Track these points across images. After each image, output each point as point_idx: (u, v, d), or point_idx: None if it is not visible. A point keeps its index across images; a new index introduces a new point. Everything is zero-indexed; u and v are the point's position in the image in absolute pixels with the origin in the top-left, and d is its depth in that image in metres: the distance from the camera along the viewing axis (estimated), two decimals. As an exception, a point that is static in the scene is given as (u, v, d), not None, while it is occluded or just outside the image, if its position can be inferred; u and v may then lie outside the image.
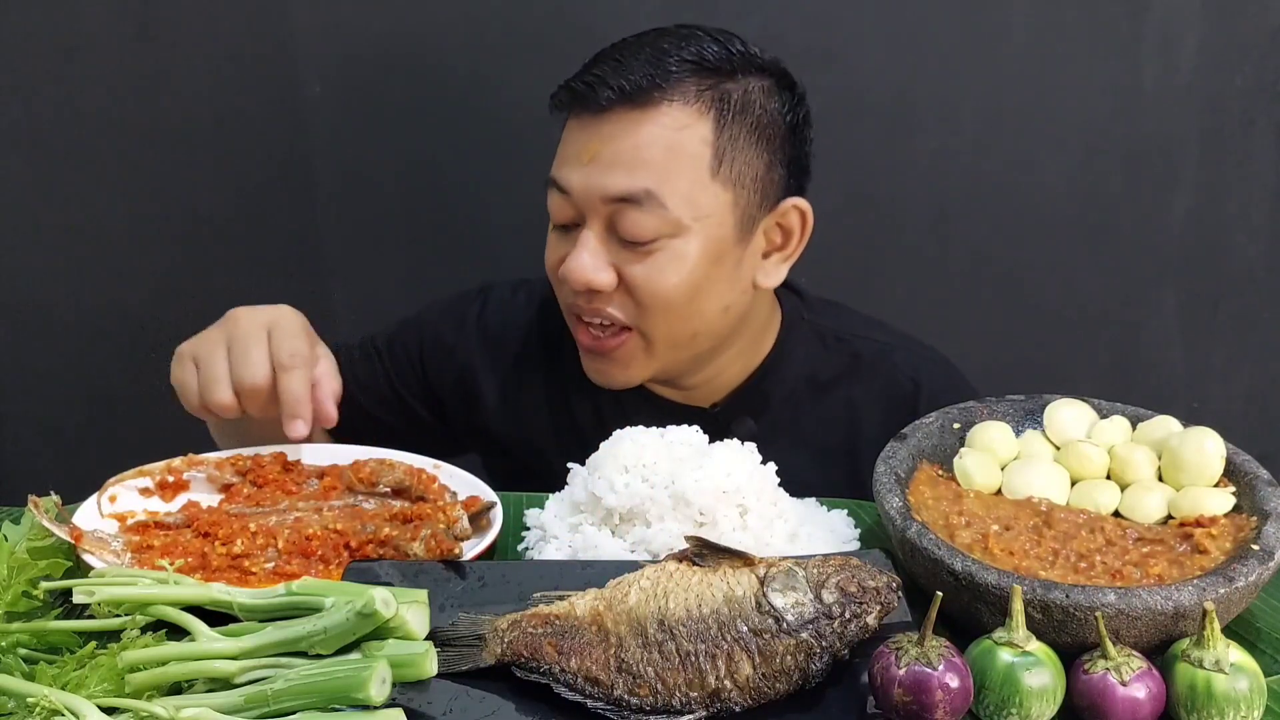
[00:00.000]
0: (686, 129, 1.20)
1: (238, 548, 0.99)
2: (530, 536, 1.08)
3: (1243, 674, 0.78)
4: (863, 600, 0.83)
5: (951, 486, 1.02)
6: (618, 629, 0.82)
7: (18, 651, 0.85)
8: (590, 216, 1.21)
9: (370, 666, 0.75)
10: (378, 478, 1.11)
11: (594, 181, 1.19)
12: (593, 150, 1.19)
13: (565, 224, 1.24)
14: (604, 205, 1.20)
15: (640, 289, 1.21)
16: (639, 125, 1.19)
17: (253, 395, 1.10)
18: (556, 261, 1.25)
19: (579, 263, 1.20)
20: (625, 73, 1.19)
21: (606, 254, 1.21)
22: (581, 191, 1.20)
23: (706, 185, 1.21)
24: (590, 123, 1.21)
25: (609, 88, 1.19)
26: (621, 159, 1.19)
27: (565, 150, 1.24)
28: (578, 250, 1.21)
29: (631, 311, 1.23)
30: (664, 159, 1.19)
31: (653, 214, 1.19)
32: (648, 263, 1.21)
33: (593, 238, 1.21)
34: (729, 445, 1.07)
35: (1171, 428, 1.04)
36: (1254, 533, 0.91)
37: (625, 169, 1.18)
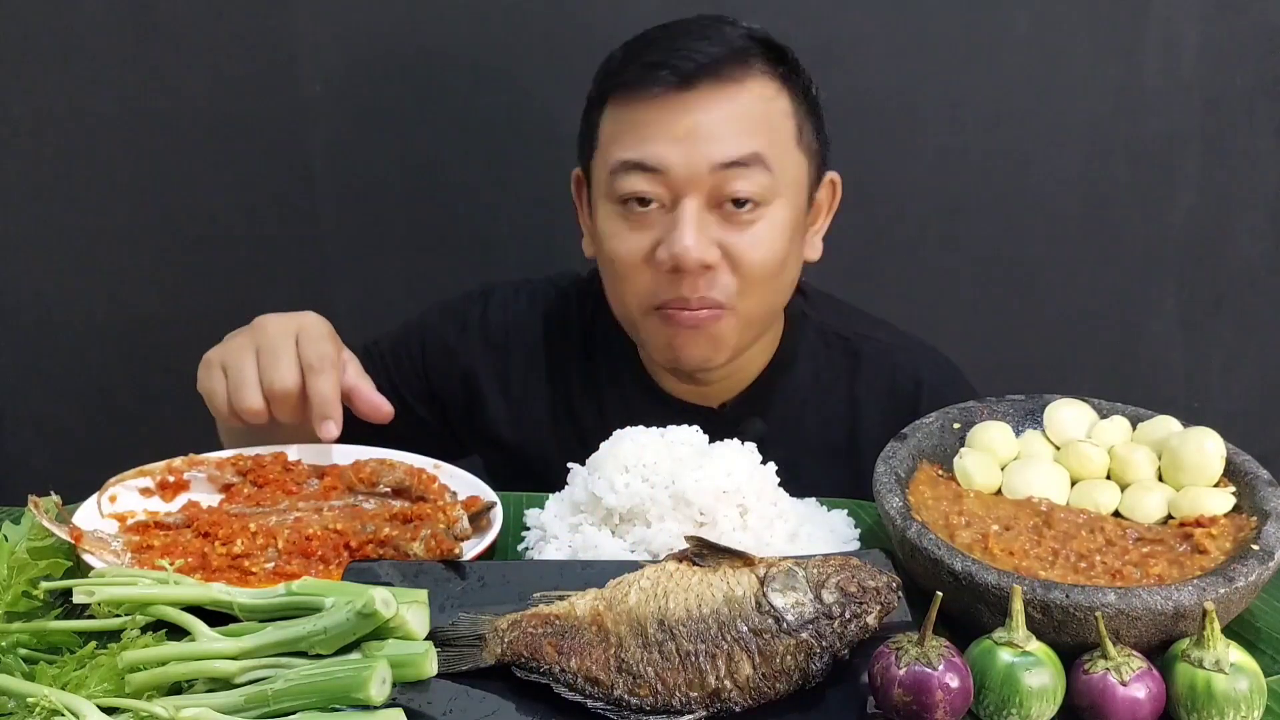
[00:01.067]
0: (771, 101, 1.22)
1: (238, 548, 0.99)
2: (530, 536, 1.08)
3: (1243, 674, 0.78)
4: (863, 600, 0.83)
5: (951, 486, 1.02)
6: (618, 629, 0.82)
7: (18, 651, 0.85)
8: (690, 191, 1.19)
9: (370, 666, 0.75)
10: (378, 478, 1.11)
11: (698, 153, 1.18)
12: (687, 125, 1.18)
13: (646, 208, 1.21)
14: (709, 175, 1.18)
15: (743, 260, 1.21)
16: (732, 97, 1.20)
17: (283, 400, 1.10)
18: (637, 249, 1.21)
19: (688, 241, 1.18)
20: (706, 49, 1.19)
21: (709, 230, 1.20)
22: (683, 165, 1.18)
23: (793, 153, 1.24)
24: (674, 100, 1.19)
25: (695, 62, 1.18)
26: (723, 128, 1.19)
27: (644, 130, 1.20)
28: (682, 229, 1.18)
29: (730, 289, 1.22)
30: (762, 125, 1.21)
31: (759, 176, 1.19)
32: (748, 234, 1.21)
33: (695, 214, 1.19)
34: (729, 445, 1.07)
35: (1171, 428, 1.04)
36: (1254, 533, 0.91)
37: (731, 135, 1.19)
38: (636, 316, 1.26)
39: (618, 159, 1.21)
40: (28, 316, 1.87)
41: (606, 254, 1.25)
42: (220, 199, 1.81)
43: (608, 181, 1.23)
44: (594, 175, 1.28)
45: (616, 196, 1.22)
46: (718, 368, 1.29)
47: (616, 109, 1.24)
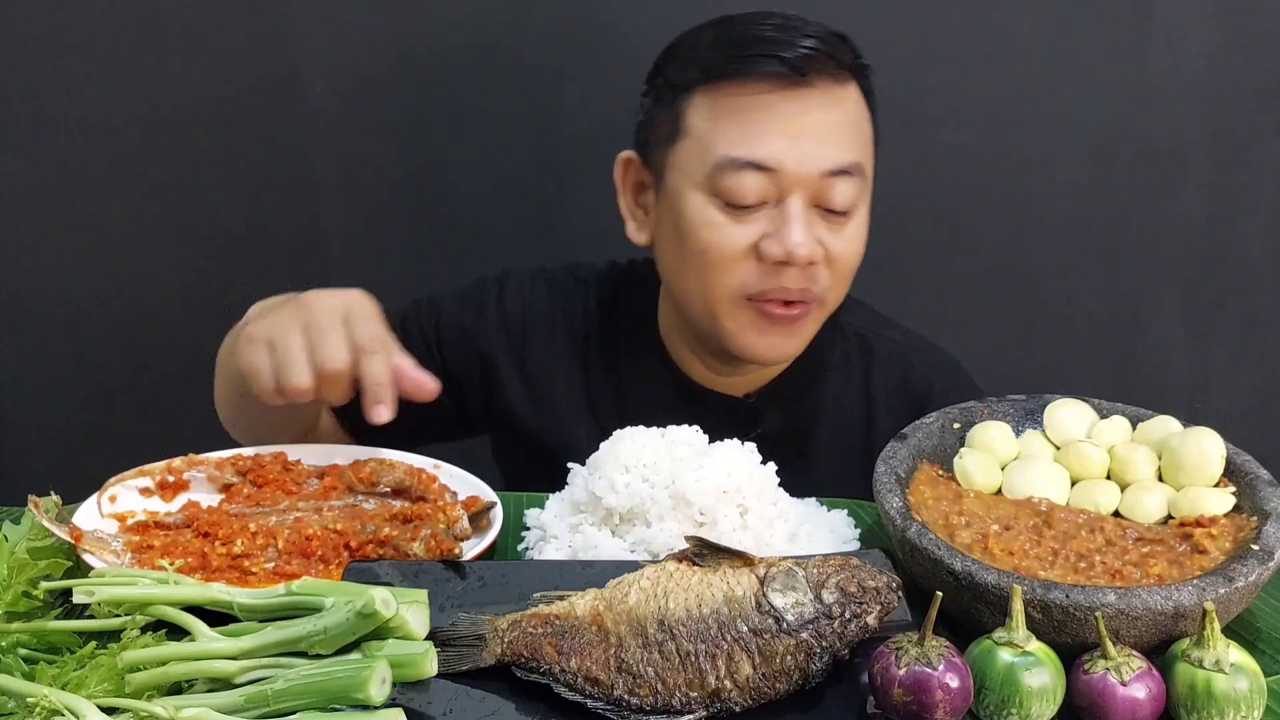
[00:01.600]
0: (860, 105, 1.25)
1: (238, 548, 0.99)
2: (530, 536, 1.08)
3: (1243, 674, 0.78)
4: (863, 600, 0.83)
5: (951, 486, 1.02)
6: (618, 629, 0.82)
7: (18, 651, 0.85)
8: (797, 191, 1.19)
9: (370, 666, 0.75)
10: (378, 478, 1.11)
11: (810, 155, 1.19)
12: (802, 123, 1.18)
13: (750, 204, 1.21)
14: (816, 179, 1.19)
15: (839, 258, 1.23)
16: (839, 100, 1.21)
17: (334, 380, 1.06)
18: (741, 242, 1.21)
19: (800, 239, 1.19)
20: (810, 43, 1.19)
21: (812, 227, 1.21)
22: (795, 166, 1.18)
23: (872, 155, 1.27)
24: (788, 95, 1.19)
25: (805, 56, 1.18)
26: (833, 131, 1.20)
27: (755, 126, 1.19)
28: (793, 226, 1.19)
29: (824, 283, 1.24)
30: (858, 132, 1.23)
31: (857, 184, 1.22)
32: (843, 233, 1.23)
33: (803, 211, 1.20)
34: (729, 445, 1.07)
35: (1171, 428, 1.04)
36: (1254, 533, 0.91)
37: (838, 141, 1.20)
38: (724, 307, 1.25)
39: (726, 155, 1.19)
40: (28, 316, 1.87)
41: (699, 244, 1.23)
42: (223, 200, 1.81)
43: (708, 174, 1.21)
44: (676, 163, 1.25)
45: (720, 190, 1.21)
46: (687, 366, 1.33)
47: (716, 97, 1.21)
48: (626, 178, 1.33)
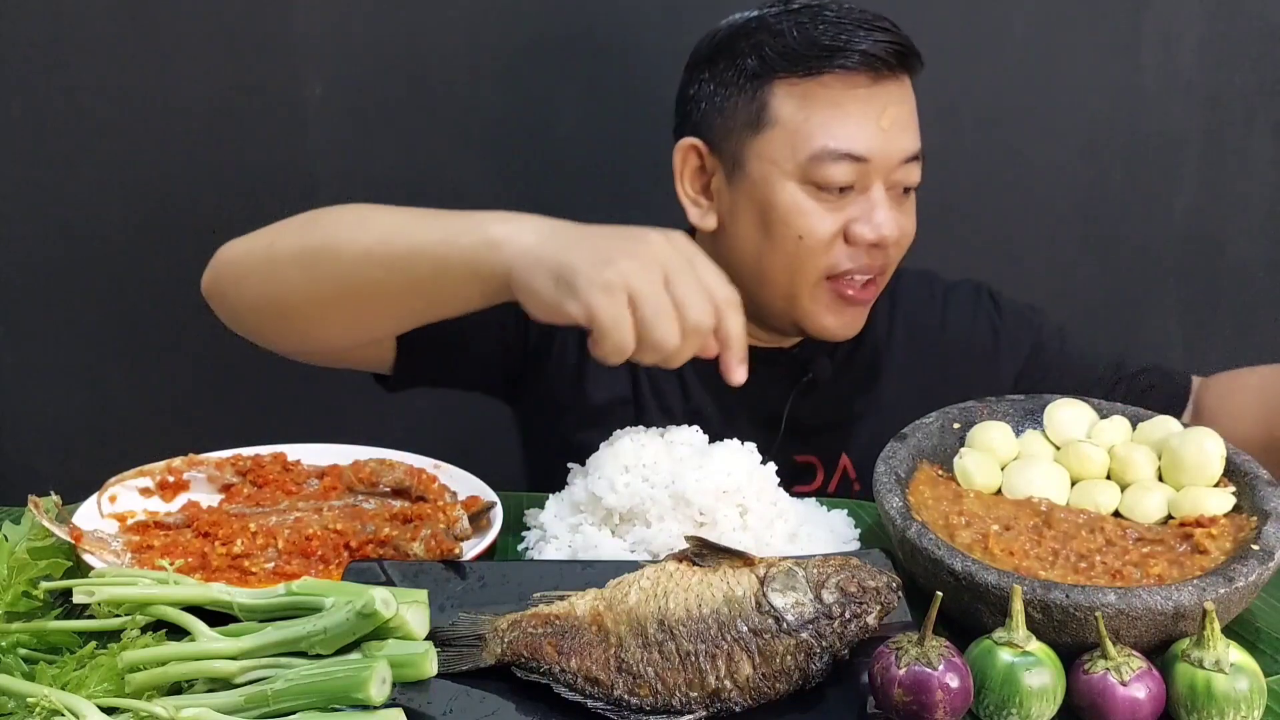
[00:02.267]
0: (914, 93, 1.31)
1: (238, 548, 0.99)
2: (530, 536, 1.08)
3: (1243, 674, 0.78)
4: (863, 600, 0.83)
5: (951, 486, 1.02)
6: (618, 629, 0.82)
7: (18, 651, 0.85)
8: (880, 177, 1.25)
9: (370, 666, 0.75)
10: (378, 478, 1.11)
11: (895, 145, 1.25)
12: (890, 116, 1.25)
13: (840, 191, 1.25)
14: (897, 166, 1.26)
15: (907, 237, 1.31)
16: (907, 89, 1.29)
17: (700, 335, 0.99)
18: (834, 228, 1.26)
19: (890, 221, 1.25)
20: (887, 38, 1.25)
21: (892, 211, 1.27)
22: (883, 155, 1.25)
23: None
24: (876, 90, 1.25)
25: (889, 51, 1.24)
26: (910, 120, 1.28)
27: (849, 119, 1.24)
28: (880, 210, 1.25)
29: (894, 259, 1.30)
30: (918, 119, 1.30)
31: (919, 167, 1.29)
32: (908, 210, 1.30)
33: (885, 196, 1.26)
34: (729, 445, 1.07)
35: (1171, 428, 1.04)
36: (1254, 533, 0.91)
37: (913, 130, 1.29)
38: (806, 288, 1.29)
39: (825, 146, 1.24)
40: (28, 315, 1.87)
41: (793, 231, 1.26)
42: (221, 200, 1.81)
43: (804, 164, 1.24)
44: (762, 152, 1.27)
45: (817, 179, 1.25)
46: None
47: (807, 88, 1.25)
48: (686, 165, 1.34)
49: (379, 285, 1.12)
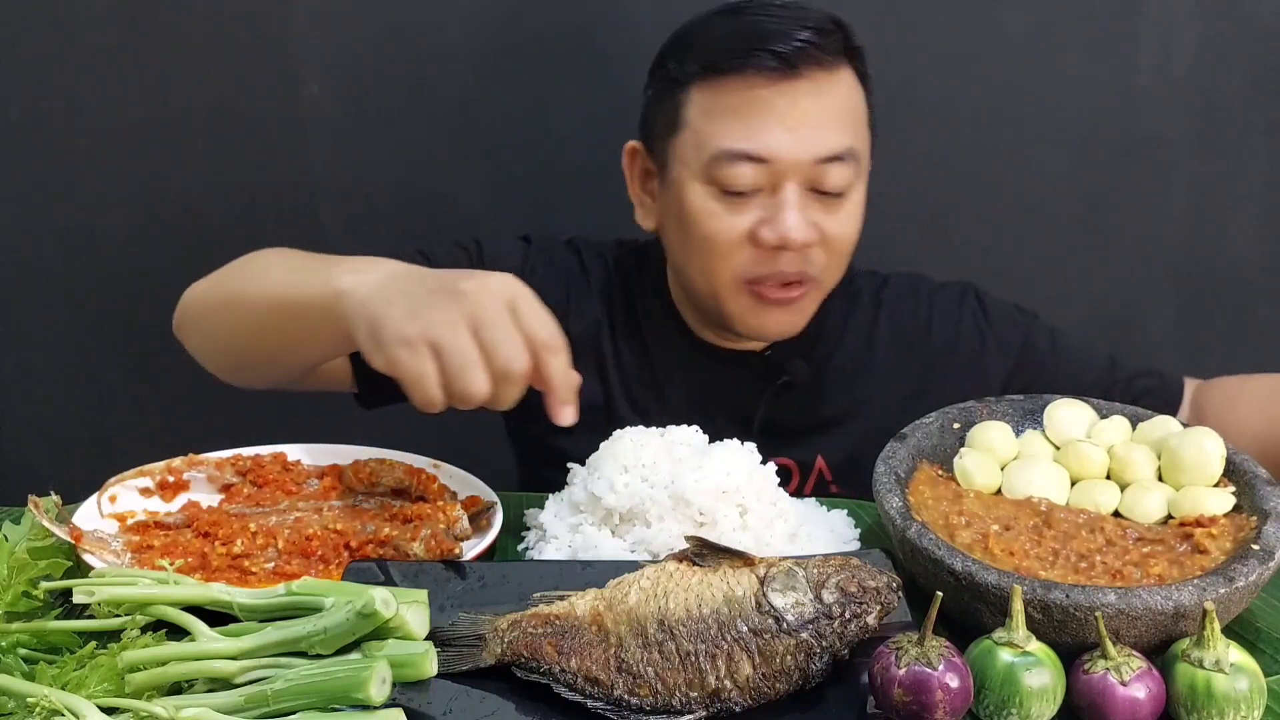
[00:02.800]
0: (854, 89, 1.27)
1: (238, 548, 0.99)
2: (530, 536, 1.08)
3: (1243, 674, 0.78)
4: (863, 600, 0.83)
5: (951, 486, 1.02)
6: (618, 629, 0.82)
7: (18, 651, 0.85)
8: (791, 178, 1.22)
9: (370, 666, 0.75)
10: (378, 478, 1.11)
11: (803, 146, 1.21)
12: (796, 114, 1.21)
13: (746, 193, 1.23)
14: (811, 166, 1.22)
15: (836, 240, 1.26)
16: (831, 86, 1.24)
17: (513, 382, 0.96)
18: (737, 231, 1.24)
19: (793, 224, 1.22)
20: (803, 34, 1.22)
21: (806, 211, 1.24)
22: (789, 157, 1.21)
23: (867, 136, 1.29)
24: (782, 87, 1.22)
25: (797, 48, 1.21)
26: (828, 119, 1.23)
27: (750, 119, 1.22)
28: (786, 212, 1.22)
29: (820, 263, 1.27)
30: (851, 117, 1.26)
31: (850, 168, 1.24)
32: (839, 215, 1.26)
33: (797, 197, 1.23)
34: (729, 445, 1.07)
35: (1171, 427, 1.04)
36: (1254, 533, 0.91)
37: (832, 129, 1.23)
38: (725, 291, 1.28)
39: (722, 148, 1.22)
40: (28, 316, 1.87)
41: (700, 233, 1.26)
42: (220, 200, 1.81)
43: (706, 166, 1.24)
44: (677, 154, 1.27)
45: (717, 181, 1.24)
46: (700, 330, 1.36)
47: (715, 92, 1.24)
48: (634, 166, 1.36)
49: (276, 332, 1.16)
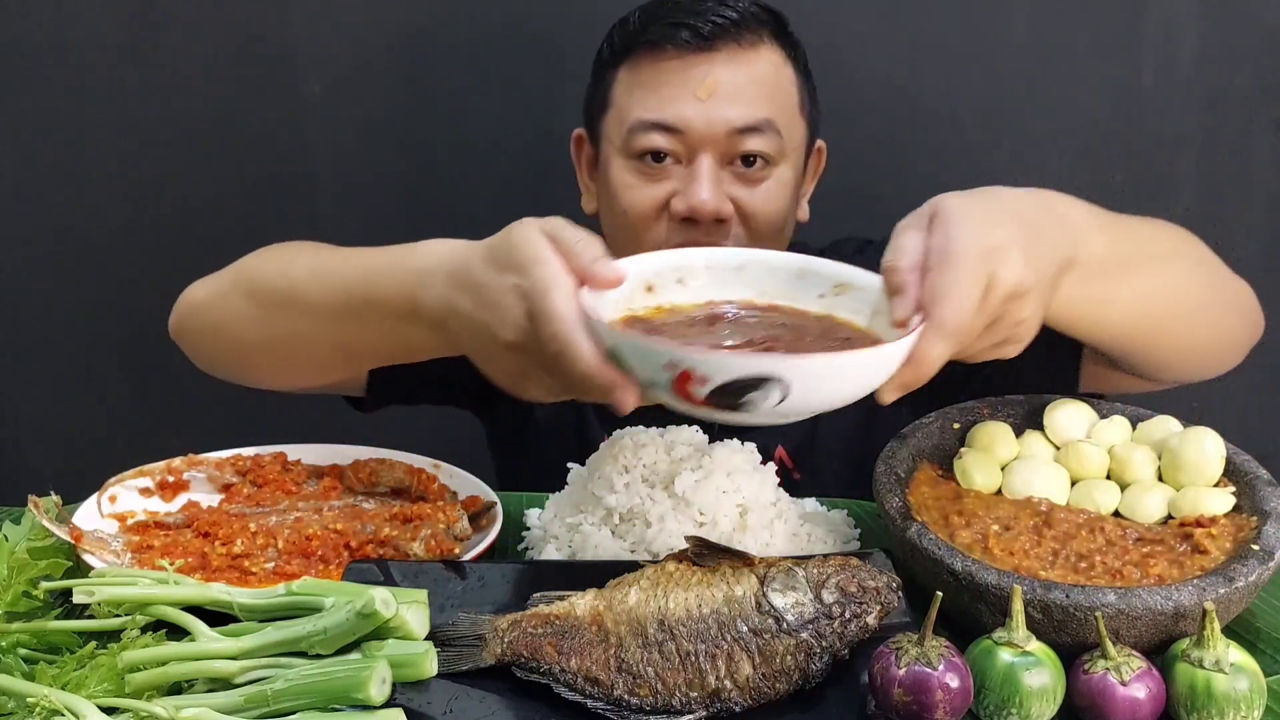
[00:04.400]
0: (781, 69, 1.28)
1: (238, 548, 0.99)
2: (530, 536, 1.08)
3: (1243, 674, 0.78)
4: (863, 600, 0.83)
5: (951, 486, 1.02)
6: (618, 629, 0.82)
7: (18, 651, 0.85)
8: (705, 149, 1.23)
9: (370, 666, 0.75)
10: (378, 478, 1.11)
11: (717, 114, 1.22)
12: (710, 85, 1.22)
13: (662, 161, 1.24)
14: (725, 138, 1.23)
15: (756, 215, 1.25)
16: (749, 61, 1.25)
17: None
18: (652, 201, 1.25)
19: (705, 194, 1.22)
20: (724, 13, 1.23)
21: (722, 185, 1.24)
22: (702, 126, 1.22)
23: (797, 120, 1.30)
24: (695, 60, 1.23)
25: (714, 24, 1.23)
26: (742, 92, 1.24)
27: (664, 90, 1.24)
28: (699, 183, 1.22)
29: (741, 241, 1.26)
30: (774, 92, 1.27)
31: (770, 141, 1.25)
32: (759, 191, 1.26)
33: (711, 169, 1.23)
34: (729, 445, 1.07)
35: (1171, 428, 1.04)
36: (1254, 533, 0.91)
37: (747, 101, 1.23)
38: None
39: (637, 118, 1.24)
40: (28, 316, 1.87)
41: (620, 206, 1.27)
42: (220, 199, 1.81)
43: (624, 138, 1.26)
44: (605, 133, 1.30)
45: (633, 152, 1.25)
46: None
47: (635, 68, 1.27)
48: (580, 154, 1.39)
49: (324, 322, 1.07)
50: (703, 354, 0.74)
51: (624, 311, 0.87)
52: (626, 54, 1.28)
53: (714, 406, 0.77)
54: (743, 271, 0.91)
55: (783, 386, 0.74)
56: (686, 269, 0.90)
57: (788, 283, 0.90)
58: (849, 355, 0.76)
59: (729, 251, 0.93)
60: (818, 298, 0.90)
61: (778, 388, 0.74)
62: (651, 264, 0.89)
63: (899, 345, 0.78)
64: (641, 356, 0.77)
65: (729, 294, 0.91)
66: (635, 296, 0.88)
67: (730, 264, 0.91)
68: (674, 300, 0.90)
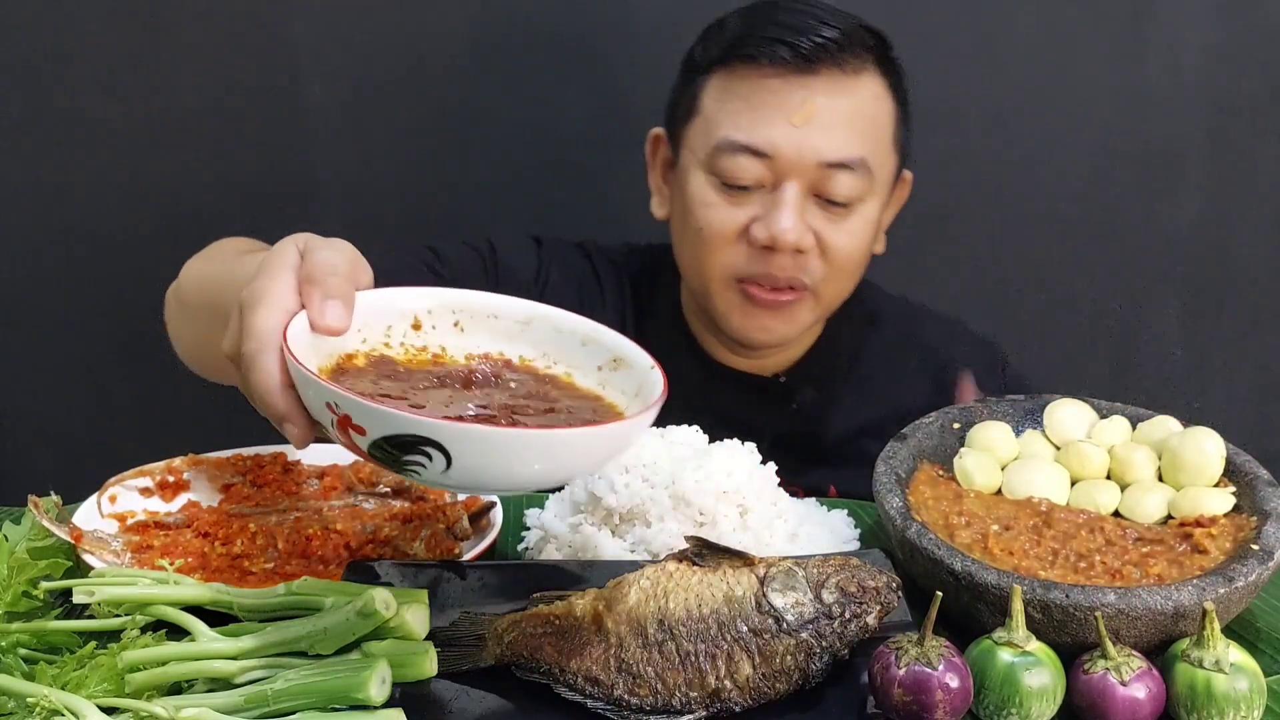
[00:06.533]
0: (880, 100, 1.23)
1: (238, 548, 0.99)
2: (530, 536, 1.08)
3: (1243, 674, 0.78)
4: (863, 600, 0.83)
5: (951, 486, 1.02)
6: (618, 629, 0.82)
7: (18, 651, 0.85)
8: (793, 178, 1.19)
9: (370, 666, 0.75)
10: (378, 478, 1.11)
11: (809, 144, 1.18)
12: (808, 112, 1.17)
13: (746, 186, 1.21)
14: (815, 169, 1.19)
15: (837, 251, 1.22)
16: (849, 90, 1.20)
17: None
18: (731, 224, 1.22)
19: (787, 224, 1.19)
20: (827, 31, 1.18)
21: (806, 215, 1.20)
22: (793, 154, 1.18)
23: (889, 154, 1.25)
24: (794, 81, 1.18)
25: (817, 44, 1.17)
26: (838, 122, 1.19)
27: (757, 111, 1.19)
28: (782, 212, 1.19)
29: (817, 273, 1.23)
30: (871, 126, 1.22)
31: (861, 180, 1.20)
32: (844, 226, 1.22)
33: (797, 199, 1.19)
34: (729, 445, 1.07)
35: (1171, 428, 1.04)
36: (1254, 533, 0.91)
37: (842, 133, 1.19)
38: (715, 286, 1.26)
39: (726, 136, 1.20)
40: (28, 316, 1.87)
41: (696, 222, 1.24)
42: (221, 200, 1.81)
43: (709, 154, 1.22)
44: (688, 140, 1.26)
45: (717, 172, 1.21)
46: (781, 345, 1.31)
47: (727, 80, 1.22)
48: (655, 154, 1.35)
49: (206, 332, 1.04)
50: (358, 400, 0.67)
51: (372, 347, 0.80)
52: (721, 62, 1.23)
53: (379, 461, 0.70)
54: (529, 327, 0.84)
55: (446, 454, 0.67)
56: (467, 312, 0.83)
57: (571, 348, 0.84)
58: (517, 432, 0.70)
59: (518, 303, 0.85)
60: (596, 369, 0.83)
61: (440, 454, 0.68)
62: (425, 299, 0.82)
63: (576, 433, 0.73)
64: (308, 390, 0.71)
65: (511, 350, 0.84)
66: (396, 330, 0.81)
67: (517, 316, 0.84)
68: (445, 344, 0.83)
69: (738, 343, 1.31)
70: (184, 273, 1.20)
